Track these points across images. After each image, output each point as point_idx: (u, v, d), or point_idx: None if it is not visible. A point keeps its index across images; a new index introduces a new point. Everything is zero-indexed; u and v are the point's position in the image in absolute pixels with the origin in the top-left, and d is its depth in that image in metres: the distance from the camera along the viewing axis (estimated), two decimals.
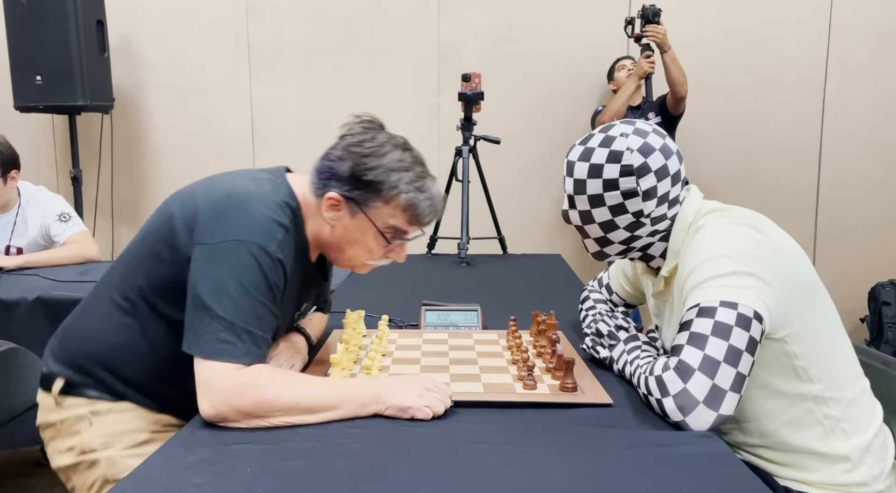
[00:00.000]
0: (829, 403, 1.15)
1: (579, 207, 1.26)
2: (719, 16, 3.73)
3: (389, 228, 1.23)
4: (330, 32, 3.84)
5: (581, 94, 3.82)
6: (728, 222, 1.17)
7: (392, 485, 0.86)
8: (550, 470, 0.90)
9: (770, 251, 1.13)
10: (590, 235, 1.28)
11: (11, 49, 3.39)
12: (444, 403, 1.08)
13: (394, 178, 1.19)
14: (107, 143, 3.91)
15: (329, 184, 1.21)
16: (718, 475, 0.89)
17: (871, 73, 3.72)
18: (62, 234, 2.61)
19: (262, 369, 1.07)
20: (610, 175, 1.21)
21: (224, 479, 0.87)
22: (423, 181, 1.22)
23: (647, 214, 1.23)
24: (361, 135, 1.23)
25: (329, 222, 1.23)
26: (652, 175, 1.21)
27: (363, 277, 2.39)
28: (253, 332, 1.08)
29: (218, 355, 1.05)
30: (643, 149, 1.21)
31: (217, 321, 1.06)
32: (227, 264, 1.10)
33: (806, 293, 1.15)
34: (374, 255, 1.27)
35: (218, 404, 1.03)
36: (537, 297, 2.00)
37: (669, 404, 1.04)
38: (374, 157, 1.19)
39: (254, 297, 1.09)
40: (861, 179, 3.78)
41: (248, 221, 1.14)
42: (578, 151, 1.26)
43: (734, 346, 1.05)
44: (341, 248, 1.26)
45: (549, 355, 1.29)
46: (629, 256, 1.31)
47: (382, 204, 1.20)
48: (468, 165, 2.80)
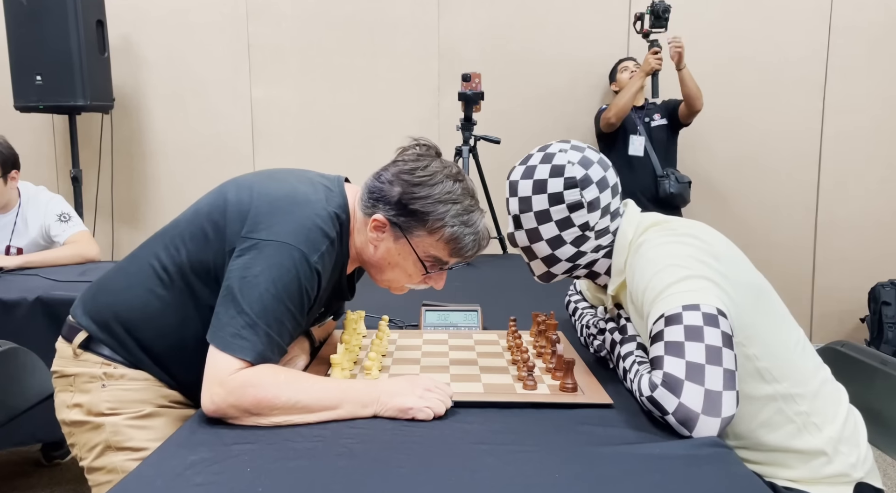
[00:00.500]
0: (797, 399, 1.17)
1: (526, 225, 1.28)
2: (719, 16, 3.73)
3: (430, 257, 1.23)
4: (330, 32, 3.84)
5: (581, 94, 3.82)
6: (668, 235, 1.19)
7: (392, 485, 0.86)
8: (550, 470, 0.90)
9: (712, 257, 1.15)
10: (537, 255, 1.30)
11: (11, 49, 3.39)
12: (444, 403, 1.08)
13: (441, 209, 1.19)
14: (107, 143, 3.91)
15: (377, 205, 1.22)
16: (718, 475, 0.89)
17: (871, 74, 3.72)
18: (62, 234, 2.61)
19: (264, 368, 1.08)
20: (554, 189, 1.24)
21: (224, 479, 0.87)
22: (469, 215, 1.21)
23: (593, 226, 1.26)
24: (414, 162, 1.23)
25: (372, 242, 1.24)
26: (594, 186, 1.24)
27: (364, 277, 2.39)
28: (271, 335, 1.10)
29: (231, 349, 1.07)
30: (583, 161, 1.25)
31: (242, 317, 1.08)
32: (267, 264, 1.11)
33: (753, 295, 1.17)
34: (412, 280, 1.28)
35: (218, 400, 1.04)
36: (537, 297, 2.00)
37: (672, 421, 1.02)
38: (423, 186, 1.20)
39: (283, 301, 1.10)
40: (861, 179, 3.78)
41: (298, 226, 1.14)
42: (520, 171, 1.28)
43: (711, 345, 1.05)
44: (381, 268, 1.27)
45: (550, 356, 1.29)
46: (574, 274, 1.32)
47: (426, 234, 1.21)
48: (468, 165, 2.80)
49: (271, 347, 1.10)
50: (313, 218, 1.16)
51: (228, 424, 1.05)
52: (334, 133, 3.87)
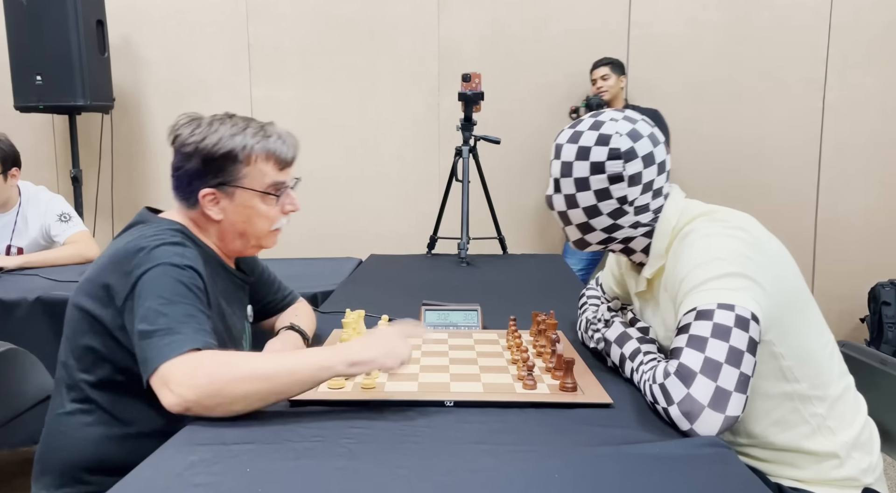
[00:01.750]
0: (815, 401, 1.16)
1: (564, 190, 1.26)
2: (719, 16, 3.73)
3: (270, 185, 1.28)
4: (330, 32, 3.84)
5: (581, 94, 3.82)
6: (717, 226, 1.17)
7: (392, 485, 0.86)
8: (550, 470, 0.90)
9: (760, 253, 1.13)
10: (572, 221, 1.28)
11: (11, 49, 3.39)
12: (399, 357, 1.07)
13: (238, 140, 1.25)
14: (107, 143, 3.91)
15: (193, 186, 1.27)
16: (718, 475, 0.89)
17: (871, 74, 3.72)
18: (62, 234, 2.61)
19: (214, 351, 1.07)
20: (597, 158, 1.21)
21: (224, 479, 0.87)
22: (262, 129, 1.28)
23: (631, 201, 1.23)
24: (186, 127, 1.28)
25: (217, 218, 1.28)
26: (639, 160, 1.21)
27: (363, 277, 2.40)
28: (190, 327, 1.09)
29: (165, 356, 1.04)
30: (632, 134, 1.22)
31: (155, 336, 1.07)
32: (146, 293, 1.13)
33: (793, 294, 1.16)
34: (273, 217, 1.31)
35: (178, 389, 1.01)
36: (537, 297, 2.00)
37: (675, 412, 1.01)
38: (210, 136, 1.25)
39: (178, 302, 1.11)
40: (861, 179, 3.78)
41: (147, 255, 1.17)
42: (567, 134, 1.26)
43: (735, 347, 1.03)
44: (244, 232, 1.31)
45: (549, 355, 1.29)
46: (610, 246, 1.30)
47: (245, 166, 1.26)
48: (468, 165, 2.80)
49: (197, 332, 1.08)
50: (153, 243, 1.19)
51: (228, 424, 1.04)
52: (334, 133, 3.87)
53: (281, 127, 1.32)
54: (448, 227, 3.02)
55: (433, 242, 2.91)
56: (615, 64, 3.59)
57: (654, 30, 3.76)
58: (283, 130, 1.31)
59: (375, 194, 3.96)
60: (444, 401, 1.12)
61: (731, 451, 0.97)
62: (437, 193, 3.14)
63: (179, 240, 1.22)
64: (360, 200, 3.96)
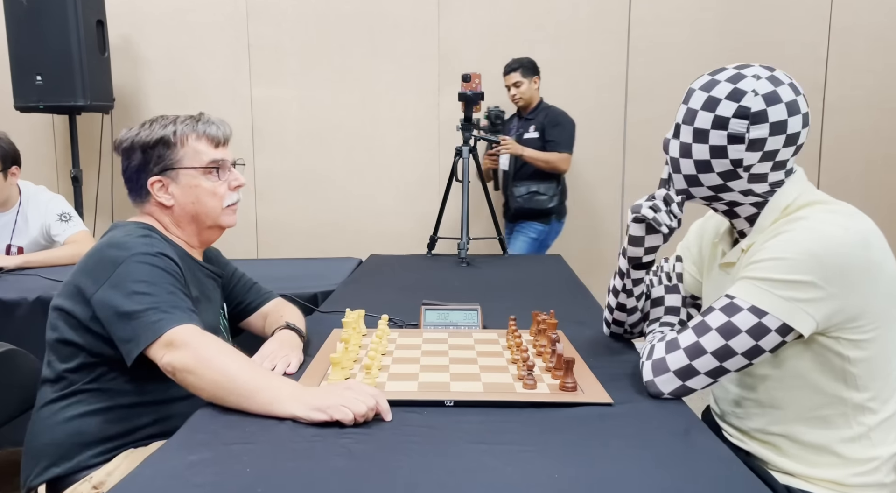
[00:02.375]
0: (867, 413, 1.14)
1: (682, 138, 1.20)
2: (719, 16, 3.73)
3: (209, 162, 1.38)
4: (330, 32, 3.84)
5: (581, 94, 3.82)
6: (835, 216, 1.10)
7: (392, 485, 0.86)
8: (550, 470, 0.90)
9: (858, 257, 1.06)
10: (681, 169, 1.21)
11: (11, 49, 3.39)
12: (365, 403, 1.03)
13: (170, 128, 1.36)
14: (107, 143, 3.91)
15: (141, 179, 1.37)
16: (718, 475, 0.89)
17: (871, 73, 3.72)
18: (62, 233, 2.61)
19: (207, 333, 1.17)
20: (723, 112, 1.14)
21: (224, 479, 0.87)
22: (192, 117, 1.39)
23: (747, 166, 1.15)
24: (123, 132, 1.39)
25: (169, 204, 1.37)
26: (766, 126, 1.12)
27: (363, 277, 2.40)
28: (178, 306, 1.19)
29: (160, 330, 1.14)
30: (769, 96, 1.13)
31: (141, 314, 1.17)
32: (124, 281, 1.20)
33: (882, 310, 1.11)
34: (221, 192, 1.40)
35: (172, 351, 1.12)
36: (537, 297, 2.00)
37: (647, 365, 1.16)
38: (143, 130, 1.37)
39: (159, 284, 1.21)
40: (861, 179, 3.79)
41: (120, 249, 1.26)
42: (704, 81, 1.20)
43: (731, 347, 1.09)
44: (197, 214, 1.39)
45: (549, 355, 1.29)
46: (714, 205, 1.24)
47: (182, 148, 1.36)
48: (468, 165, 2.80)
49: (186, 311, 1.19)
50: (125, 239, 1.28)
51: (229, 424, 1.04)
52: (334, 133, 3.87)
53: (214, 115, 1.43)
54: (448, 227, 3.02)
55: (433, 242, 2.91)
56: (526, 67, 3.50)
57: (654, 30, 3.76)
58: (215, 117, 1.43)
59: (375, 194, 3.96)
60: (444, 401, 1.12)
61: (731, 451, 0.97)
62: (437, 193, 3.14)
63: (147, 233, 1.32)
64: (360, 201, 3.96)
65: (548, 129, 3.49)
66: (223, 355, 1.11)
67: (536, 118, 3.54)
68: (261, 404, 1.06)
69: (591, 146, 3.84)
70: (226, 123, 1.44)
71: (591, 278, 2.49)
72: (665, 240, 1.30)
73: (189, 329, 1.15)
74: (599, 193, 3.90)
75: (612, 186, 3.89)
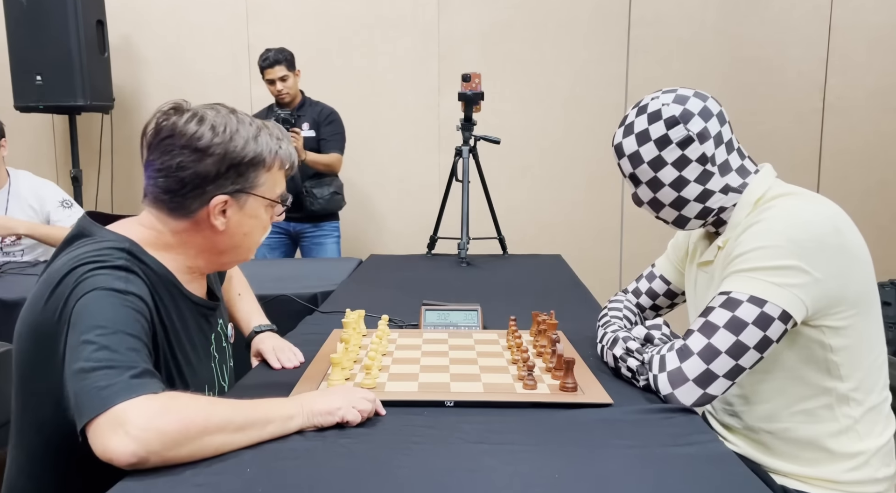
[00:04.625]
0: (852, 403, 1.15)
1: (644, 179, 1.26)
2: (719, 16, 3.73)
3: (279, 195, 1.18)
4: (330, 32, 3.84)
5: (581, 94, 3.82)
6: (806, 202, 1.16)
7: (392, 485, 0.86)
8: (550, 470, 0.90)
9: (834, 244, 1.11)
10: (664, 202, 1.26)
11: (11, 49, 3.39)
12: (368, 399, 1.03)
13: (263, 144, 1.12)
14: (107, 143, 3.91)
15: (205, 192, 1.09)
16: (718, 475, 0.89)
17: (871, 73, 3.72)
18: (65, 220, 2.65)
19: (177, 393, 0.92)
20: (658, 133, 1.22)
21: (224, 479, 0.87)
22: (268, 130, 1.16)
23: (710, 156, 1.22)
24: (194, 124, 1.09)
25: (221, 229, 1.12)
26: (697, 118, 1.21)
27: (363, 277, 2.40)
28: (137, 366, 0.91)
29: (112, 399, 0.85)
30: (678, 99, 1.23)
31: (95, 373, 0.88)
32: (84, 321, 0.94)
33: (859, 294, 1.14)
34: (266, 226, 1.20)
35: (139, 433, 0.83)
36: (537, 297, 2.00)
37: (663, 378, 1.12)
38: (236, 134, 1.10)
39: (121, 332, 0.94)
40: (861, 178, 3.79)
41: (84, 280, 0.99)
42: (620, 133, 1.27)
43: (742, 342, 1.09)
44: (239, 245, 1.17)
45: (550, 355, 1.29)
46: (708, 219, 1.27)
47: (266, 173, 1.13)
48: (468, 165, 2.79)
49: (147, 375, 0.91)
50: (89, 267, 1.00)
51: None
52: None
53: None
54: (448, 227, 3.01)
55: (433, 242, 2.91)
56: (289, 60, 3.28)
57: (654, 29, 3.76)
58: (287, 139, 1.21)
59: (375, 194, 3.96)
60: (444, 401, 1.12)
61: (731, 452, 0.97)
62: (437, 193, 3.14)
63: (123, 264, 1.03)
64: (359, 200, 3.96)
65: (322, 126, 3.37)
66: (214, 409, 0.92)
67: (307, 114, 3.37)
68: (273, 432, 0.97)
69: (591, 146, 3.84)
70: None
71: (591, 278, 2.48)
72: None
73: (153, 401, 0.88)
74: (599, 193, 3.89)
75: (612, 186, 3.89)
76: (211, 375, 1.25)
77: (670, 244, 1.55)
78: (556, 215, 3.90)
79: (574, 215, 3.89)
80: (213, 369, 1.26)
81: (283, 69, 3.25)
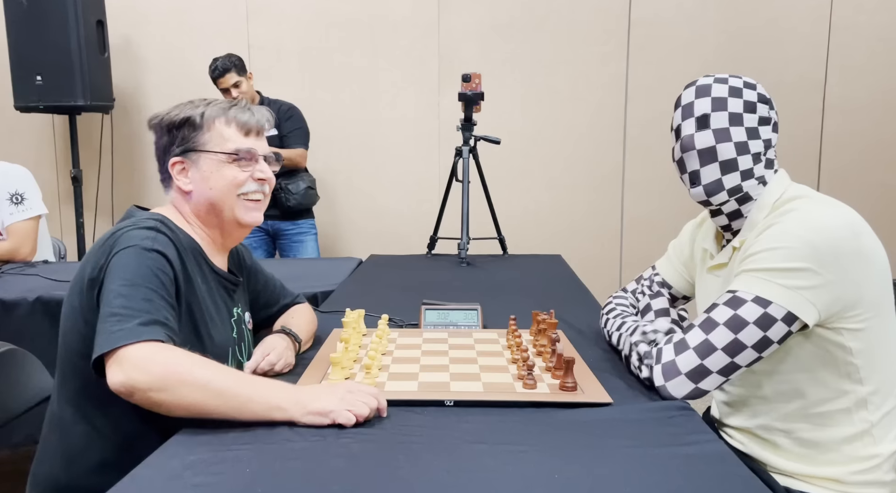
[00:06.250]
0: (870, 407, 1.15)
1: (715, 125, 1.23)
2: (719, 16, 3.73)
3: (233, 150, 1.29)
4: (330, 32, 3.84)
5: (581, 94, 3.82)
6: (824, 205, 1.16)
7: (392, 485, 0.86)
8: (550, 470, 0.90)
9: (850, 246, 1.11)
10: (719, 157, 1.22)
11: (11, 49, 3.39)
12: (367, 404, 1.03)
13: (199, 109, 1.29)
14: (107, 143, 3.91)
15: (165, 161, 1.31)
16: (718, 475, 0.89)
17: (871, 73, 3.72)
18: (7, 219, 2.37)
19: (173, 346, 1.06)
20: (749, 98, 1.24)
21: (224, 479, 0.87)
22: (229, 102, 1.33)
23: (771, 146, 1.26)
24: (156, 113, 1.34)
25: (188, 189, 1.30)
26: (775, 112, 1.27)
27: (363, 277, 2.40)
28: (149, 314, 1.08)
29: (120, 339, 1.03)
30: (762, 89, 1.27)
31: (112, 318, 1.06)
32: (113, 274, 1.13)
33: (876, 296, 1.13)
34: (241, 180, 1.30)
35: (129, 370, 1.00)
36: (537, 297, 2.00)
37: (657, 370, 1.14)
38: (174, 110, 1.31)
39: (139, 285, 1.11)
40: (861, 179, 3.78)
41: (119, 239, 1.18)
42: (709, 79, 1.27)
43: (740, 341, 1.09)
44: (213, 202, 1.30)
45: (549, 355, 1.29)
46: (729, 202, 1.25)
47: (207, 133, 1.29)
48: (468, 166, 2.79)
49: (154, 323, 1.07)
50: (128, 229, 1.20)
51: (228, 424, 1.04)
52: (334, 133, 3.87)
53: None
54: (448, 227, 3.01)
55: (433, 242, 2.91)
56: (238, 65, 3.28)
57: (654, 30, 3.76)
58: (255, 106, 1.35)
59: (375, 194, 3.96)
60: (444, 401, 1.12)
61: (731, 452, 0.97)
62: (437, 193, 3.14)
63: (153, 225, 1.22)
64: (360, 200, 3.96)
65: (283, 122, 3.37)
66: (200, 368, 1.03)
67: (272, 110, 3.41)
68: (255, 413, 1.01)
69: (591, 146, 3.84)
70: (265, 113, 1.35)
71: (591, 278, 2.48)
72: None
73: (151, 346, 1.03)
74: (599, 193, 3.89)
75: (613, 185, 3.89)
76: (229, 343, 1.34)
77: (671, 245, 1.54)
78: (556, 215, 3.90)
79: (574, 215, 3.89)
80: (234, 341, 1.36)
81: (234, 76, 3.26)
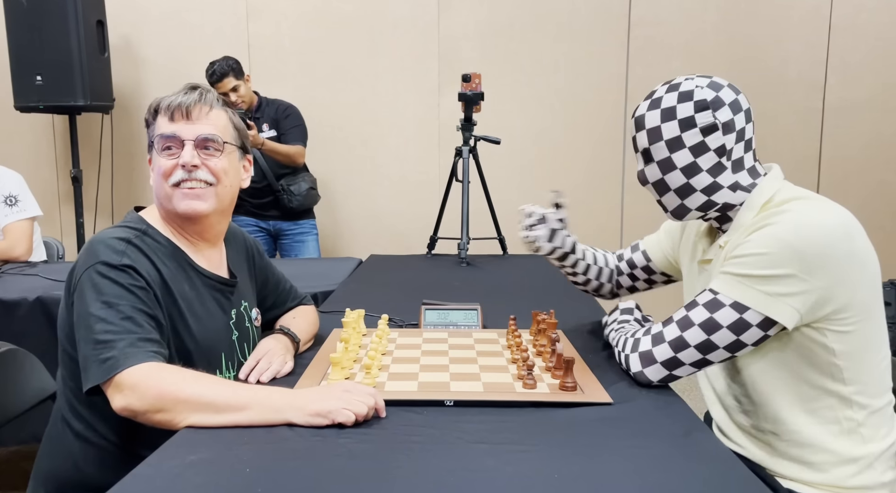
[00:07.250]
0: (854, 407, 1.15)
1: (657, 157, 1.22)
2: (719, 16, 3.73)
3: (155, 136, 1.28)
4: (330, 32, 3.84)
5: (581, 93, 3.82)
6: (816, 208, 1.13)
7: (392, 485, 0.86)
8: (550, 470, 0.90)
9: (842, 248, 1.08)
10: (670, 186, 1.23)
11: (11, 49, 3.39)
12: (365, 403, 1.03)
13: (155, 102, 1.30)
14: (107, 143, 3.91)
15: None
16: (718, 475, 0.89)
17: (871, 73, 3.72)
18: (3, 219, 2.45)
19: (164, 365, 1.08)
20: (685, 114, 1.18)
21: (224, 479, 0.87)
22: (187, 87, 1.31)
23: (729, 150, 1.19)
24: None
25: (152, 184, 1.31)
26: (727, 108, 1.18)
27: (363, 277, 2.40)
28: (132, 334, 1.09)
29: (110, 370, 1.05)
30: (712, 85, 1.20)
31: (98, 346, 1.08)
32: (86, 296, 1.13)
33: (864, 299, 1.12)
34: (167, 171, 1.27)
35: (127, 395, 1.04)
36: (537, 297, 2.00)
37: (634, 358, 1.21)
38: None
39: (114, 305, 1.11)
40: (861, 179, 3.78)
41: (89, 254, 1.17)
42: (646, 105, 1.24)
43: (712, 342, 1.13)
44: (157, 196, 1.30)
45: (549, 355, 1.29)
46: (708, 214, 1.25)
47: (154, 124, 1.30)
48: (468, 166, 2.79)
49: (140, 343, 1.09)
50: (100, 240, 1.19)
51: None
52: (334, 133, 3.87)
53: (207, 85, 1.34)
54: (448, 227, 3.01)
55: (433, 242, 2.91)
56: (236, 69, 3.23)
57: (654, 30, 3.76)
58: (204, 85, 1.33)
59: (375, 194, 3.96)
60: (444, 401, 1.12)
61: (731, 452, 0.97)
62: (437, 193, 3.14)
63: (125, 236, 1.20)
64: (360, 200, 3.96)
65: (281, 121, 3.37)
66: (192, 384, 1.05)
67: (265, 115, 3.37)
68: (253, 418, 1.02)
69: (591, 146, 3.84)
70: (206, 93, 1.30)
71: None
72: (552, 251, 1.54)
73: (141, 370, 1.05)
74: (599, 192, 3.89)
75: (613, 186, 3.89)
76: (228, 347, 1.33)
77: (663, 227, 1.55)
78: None
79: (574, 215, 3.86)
80: (232, 344, 1.35)
81: (232, 80, 3.22)
